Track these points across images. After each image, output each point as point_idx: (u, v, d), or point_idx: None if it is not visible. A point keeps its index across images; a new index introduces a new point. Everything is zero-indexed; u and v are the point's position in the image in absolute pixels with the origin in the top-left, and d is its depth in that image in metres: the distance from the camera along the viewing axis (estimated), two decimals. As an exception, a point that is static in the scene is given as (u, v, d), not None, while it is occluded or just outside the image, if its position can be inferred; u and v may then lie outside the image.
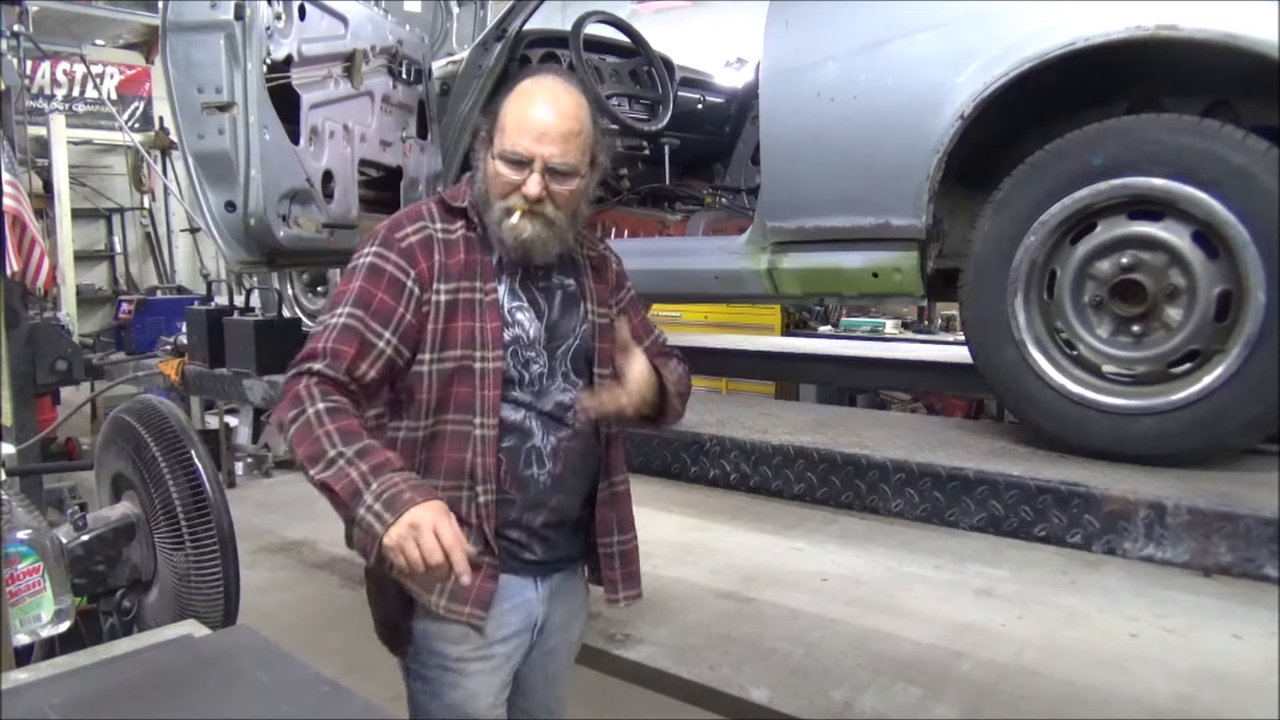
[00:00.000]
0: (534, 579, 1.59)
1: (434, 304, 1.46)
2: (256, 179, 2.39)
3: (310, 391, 1.36)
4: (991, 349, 1.79)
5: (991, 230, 1.76)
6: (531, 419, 1.52)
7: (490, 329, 1.48)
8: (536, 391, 1.53)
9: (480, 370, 1.47)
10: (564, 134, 1.44)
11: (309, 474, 1.33)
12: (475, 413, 1.47)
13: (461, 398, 1.48)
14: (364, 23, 2.69)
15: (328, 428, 1.33)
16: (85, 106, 7.29)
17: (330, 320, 1.43)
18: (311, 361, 1.39)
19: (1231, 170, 1.51)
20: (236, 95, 2.37)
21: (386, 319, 1.44)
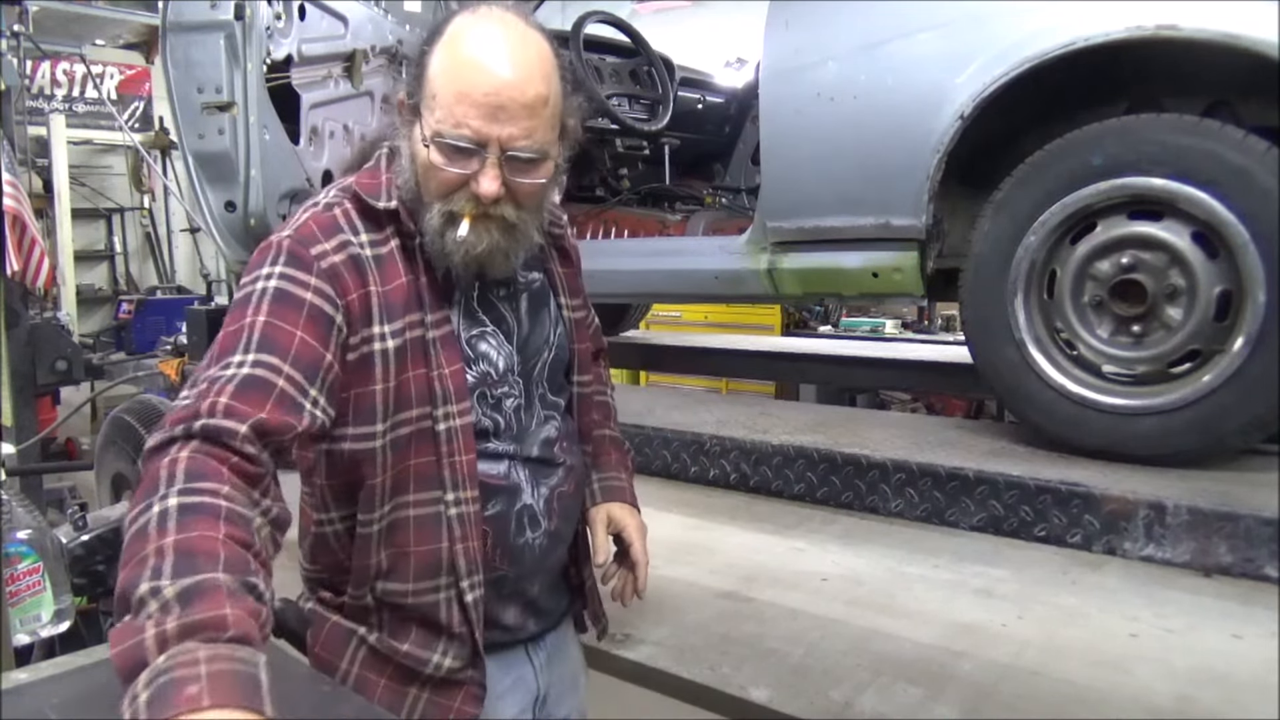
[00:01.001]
0: (525, 650, 1.27)
1: (377, 353, 1.05)
2: (256, 179, 2.39)
3: (172, 472, 0.84)
4: (991, 349, 1.79)
5: (991, 230, 1.76)
6: (517, 470, 1.17)
7: (449, 375, 1.09)
8: (515, 434, 1.17)
9: (445, 431, 1.09)
10: (528, 104, 1.01)
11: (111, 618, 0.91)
12: (445, 487, 1.10)
13: (422, 470, 1.10)
14: (364, 23, 2.69)
15: (165, 540, 0.79)
16: (85, 106, 7.30)
17: (217, 373, 0.93)
18: (188, 422, 0.87)
19: (1231, 170, 1.51)
20: (236, 95, 2.37)
21: (311, 369, 0.98)
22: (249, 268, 1.04)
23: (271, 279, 1.00)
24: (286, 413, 0.94)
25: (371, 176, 1.12)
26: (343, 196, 1.10)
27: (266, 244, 1.05)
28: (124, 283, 7.63)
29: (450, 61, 1.03)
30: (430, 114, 1.03)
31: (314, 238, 1.04)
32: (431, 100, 1.03)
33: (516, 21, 1.05)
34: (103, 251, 7.62)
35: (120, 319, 6.56)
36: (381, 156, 1.13)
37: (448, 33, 1.05)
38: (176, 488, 0.82)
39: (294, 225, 1.06)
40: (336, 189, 1.12)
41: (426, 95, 1.04)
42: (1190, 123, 1.57)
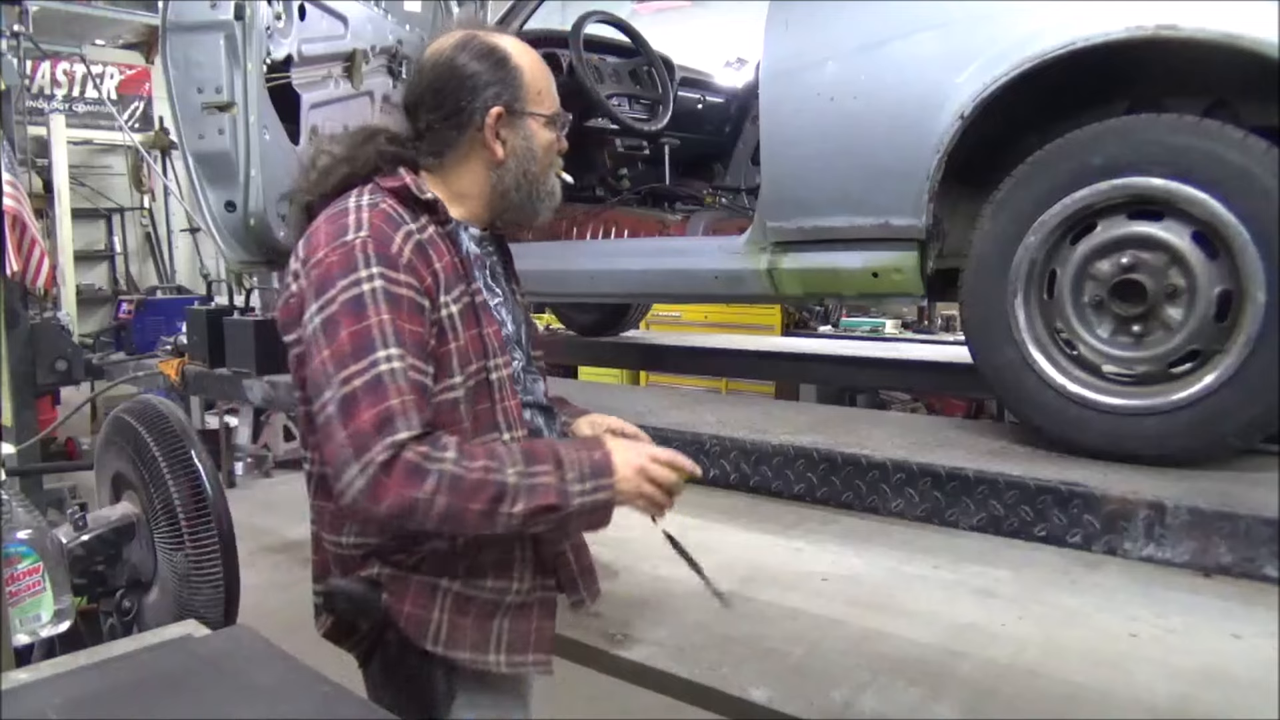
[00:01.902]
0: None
1: (446, 319, 1.27)
2: (256, 179, 2.40)
3: (425, 456, 1.15)
4: (991, 349, 1.79)
5: (991, 230, 1.76)
6: (536, 416, 1.42)
7: (493, 333, 1.33)
8: (525, 387, 1.42)
9: (496, 381, 1.32)
10: None
11: (503, 518, 1.17)
12: (501, 429, 1.31)
13: (482, 416, 1.30)
14: (364, 23, 2.69)
15: (477, 471, 1.16)
16: (85, 106, 7.29)
17: (374, 371, 1.17)
18: (392, 433, 1.15)
19: (1231, 170, 1.50)
20: (236, 95, 2.38)
21: (424, 353, 1.22)
22: (337, 268, 1.21)
23: (374, 280, 1.20)
24: (427, 397, 1.21)
25: (395, 180, 1.32)
26: (378, 195, 1.30)
27: (348, 246, 1.22)
28: (124, 283, 7.63)
29: (527, 64, 1.35)
30: (535, 103, 1.36)
31: (387, 235, 1.24)
32: (535, 95, 1.36)
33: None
34: (103, 251, 7.61)
35: (120, 319, 6.56)
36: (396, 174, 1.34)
37: (502, 47, 1.35)
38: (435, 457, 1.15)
39: (357, 220, 1.24)
40: (365, 193, 1.31)
41: (526, 94, 1.35)
42: (1190, 123, 1.57)
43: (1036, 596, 4.13)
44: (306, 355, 1.25)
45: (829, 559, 4.78)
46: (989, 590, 4.26)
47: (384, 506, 1.15)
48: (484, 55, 1.34)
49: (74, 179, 6.76)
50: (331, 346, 1.19)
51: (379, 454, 1.14)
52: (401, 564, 1.31)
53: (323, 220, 1.29)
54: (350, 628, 1.37)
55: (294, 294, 1.28)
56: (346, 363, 1.17)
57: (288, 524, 5.42)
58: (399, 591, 1.30)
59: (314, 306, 1.23)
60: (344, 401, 1.16)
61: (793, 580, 4.46)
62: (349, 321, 1.19)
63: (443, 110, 1.34)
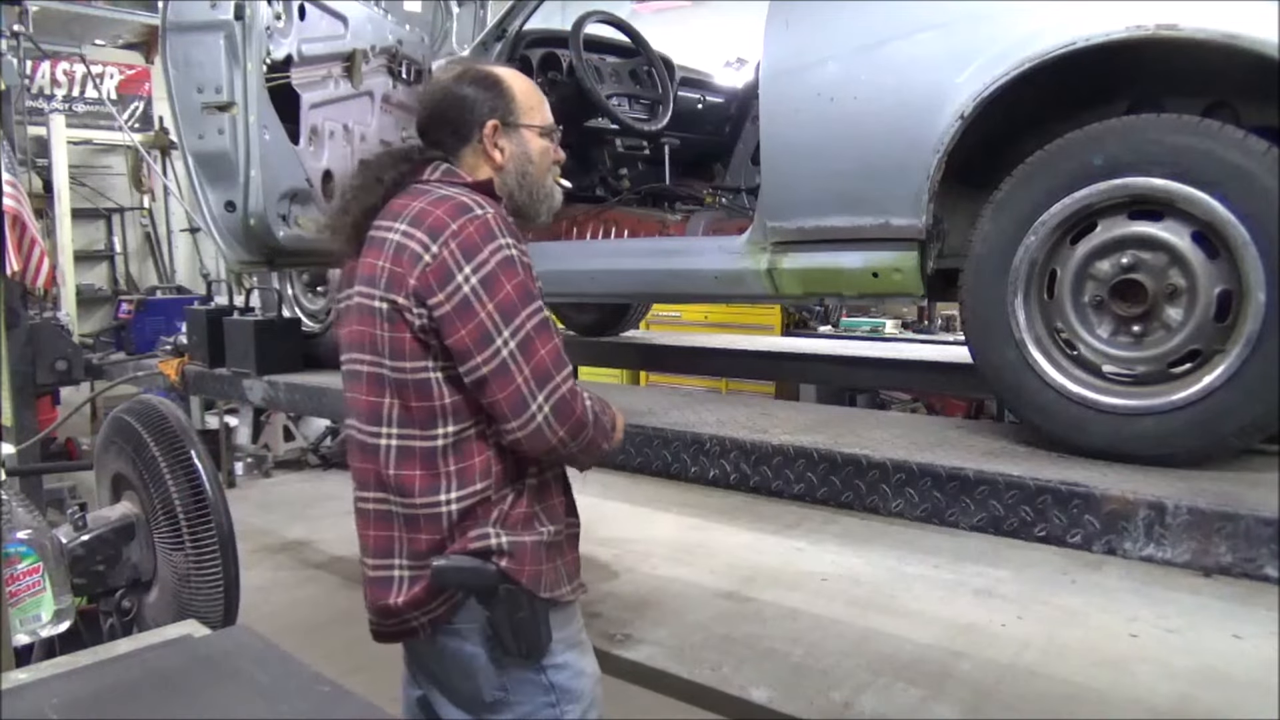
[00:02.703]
0: None
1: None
2: (256, 179, 2.39)
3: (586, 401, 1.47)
4: (991, 349, 1.79)
5: (991, 230, 1.76)
6: None
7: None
8: None
9: None
10: None
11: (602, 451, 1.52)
12: None
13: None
14: (364, 23, 2.69)
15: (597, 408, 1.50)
16: (85, 106, 7.29)
17: (540, 316, 1.43)
18: (566, 366, 1.44)
19: (1231, 170, 1.50)
20: (236, 95, 2.38)
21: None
22: (478, 235, 1.40)
23: (511, 248, 1.42)
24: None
25: (460, 177, 1.53)
26: (458, 190, 1.48)
27: (481, 219, 1.41)
28: (124, 283, 7.63)
29: (517, 85, 1.59)
30: (529, 116, 1.58)
31: (499, 215, 1.45)
32: (526, 110, 1.58)
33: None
34: (103, 251, 7.61)
35: (120, 319, 6.56)
36: (442, 168, 1.54)
37: (493, 74, 1.59)
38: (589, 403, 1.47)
39: (479, 204, 1.44)
40: (440, 186, 1.50)
41: (519, 110, 1.57)
42: (1190, 123, 1.57)
43: (1036, 596, 4.14)
44: (456, 314, 1.38)
45: (829, 559, 4.79)
46: (989, 590, 4.27)
47: (564, 429, 1.41)
48: (479, 80, 1.57)
49: (74, 179, 6.76)
50: (496, 299, 1.38)
51: (563, 383, 1.41)
52: (509, 517, 1.47)
53: (425, 205, 1.44)
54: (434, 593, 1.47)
55: (429, 263, 1.39)
56: (516, 310, 1.39)
57: (287, 524, 5.42)
58: (519, 554, 1.46)
59: (467, 269, 1.38)
60: (522, 343, 1.39)
61: (793, 580, 4.46)
62: (508, 276, 1.40)
63: (449, 126, 1.56)
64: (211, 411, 6.35)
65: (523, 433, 1.40)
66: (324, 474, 6.72)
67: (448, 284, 1.38)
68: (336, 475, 6.66)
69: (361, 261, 1.50)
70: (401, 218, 1.45)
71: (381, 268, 1.44)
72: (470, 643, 1.48)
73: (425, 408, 1.44)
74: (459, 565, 1.43)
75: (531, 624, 1.46)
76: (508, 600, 1.44)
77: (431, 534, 1.44)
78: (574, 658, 1.56)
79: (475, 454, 1.45)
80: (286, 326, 3.41)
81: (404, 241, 1.42)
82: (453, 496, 1.44)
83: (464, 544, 1.44)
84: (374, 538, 1.50)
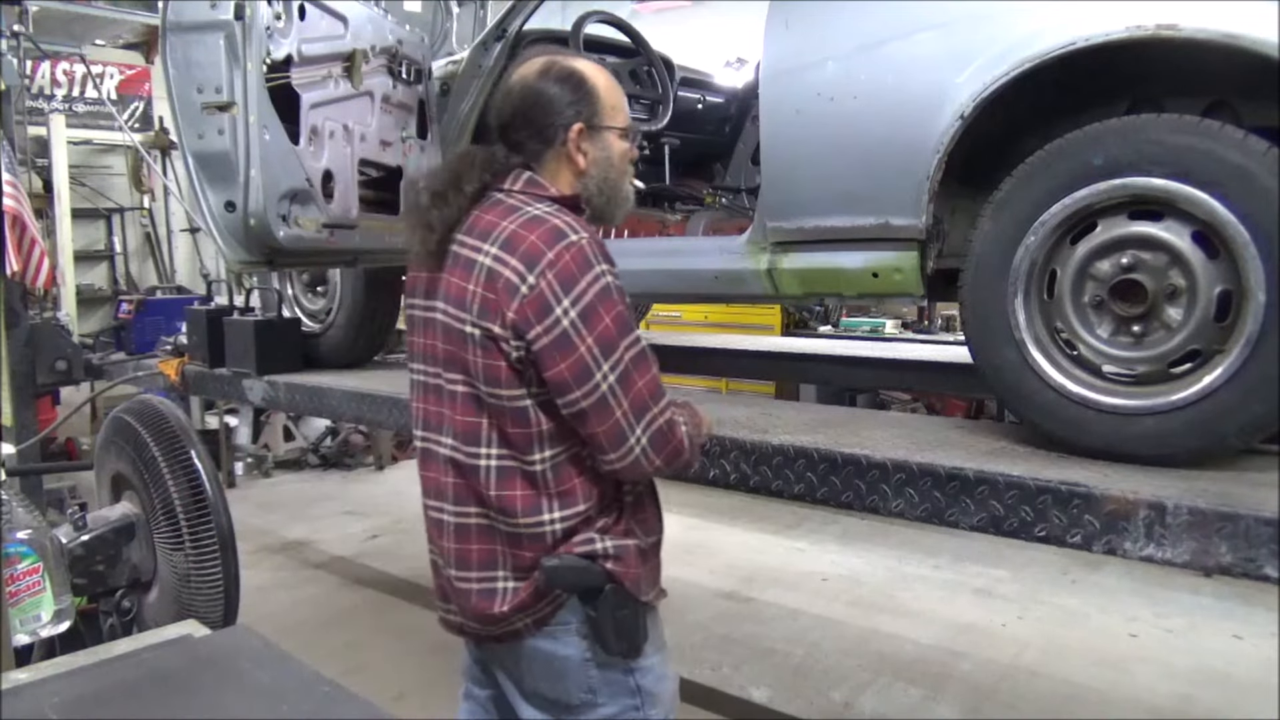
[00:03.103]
0: None
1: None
2: (256, 179, 2.39)
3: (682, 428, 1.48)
4: (991, 349, 1.79)
5: (991, 230, 1.76)
6: None
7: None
8: None
9: None
10: None
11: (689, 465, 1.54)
12: None
13: None
14: (364, 23, 2.68)
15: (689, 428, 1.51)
16: (85, 106, 7.29)
17: (638, 348, 1.42)
18: (663, 397, 1.45)
19: (1231, 170, 1.51)
20: (236, 95, 2.37)
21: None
22: (575, 265, 1.37)
23: (607, 275, 1.40)
24: None
25: (544, 189, 1.50)
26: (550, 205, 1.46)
27: (577, 246, 1.38)
28: (124, 283, 7.62)
29: (602, 84, 1.52)
30: (612, 118, 1.52)
31: (593, 234, 1.42)
32: (611, 111, 1.52)
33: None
34: (103, 251, 7.61)
35: (120, 319, 6.56)
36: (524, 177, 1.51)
37: (579, 69, 1.52)
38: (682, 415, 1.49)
39: (574, 227, 1.40)
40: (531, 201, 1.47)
41: (602, 110, 1.51)
42: (1190, 123, 1.57)
43: (1036, 596, 4.14)
44: (556, 348, 1.37)
45: (829, 559, 4.78)
46: (989, 590, 4.27)
47: (661, 457, 1.43)
48: (564, 79, 1.51)
49: (74, 179, 6.75)
50: (595, 332, 1.37)
51: (660, 414, 1.42)
52: (612, 529, 1.49)
53: (517, 227, 1.41)
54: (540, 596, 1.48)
55: (526, 295, 1.37)
56: (615, 343, 1.38)
57: (287, 524, 5.42)
58: (624, 558, 1.48)
59: (565, 301, 1.36)
60: (621, 377, 1.38)
61: (793, 580, 4.46)
62: (606, 308, 1.38)
63: (531, 127, 1.50)
64: (211, 411, 6.35)
65: (621, 464, 1.42)
66: (324, 474, 6.72)
67: (546, 317, 1.36)
68: (336, 475, 6.66)
69: (447, 279, 1.47)
70: (492, 239, 1.42)
71: (473, 292, 1.42)
72: (564, 644, 1.50)
73: (523, 433, 1.44)
74: (571, 565, 1.45)
75: (633, 622, 1.49)
76: (612, 599, 1.47)
77: (535, 551, 1.46)
78: (659, 661, 1.58)
79: (575, 475, 1.46)
80: (286, 326, 3.41)
81: (497, 268, 1.39)
82: (556, 516, 1.45)
83: (569, 548, 1.46)
84: (476, 552, 1.50)
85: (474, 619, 1.53)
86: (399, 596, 4.29)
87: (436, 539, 1.56)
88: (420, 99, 2.89)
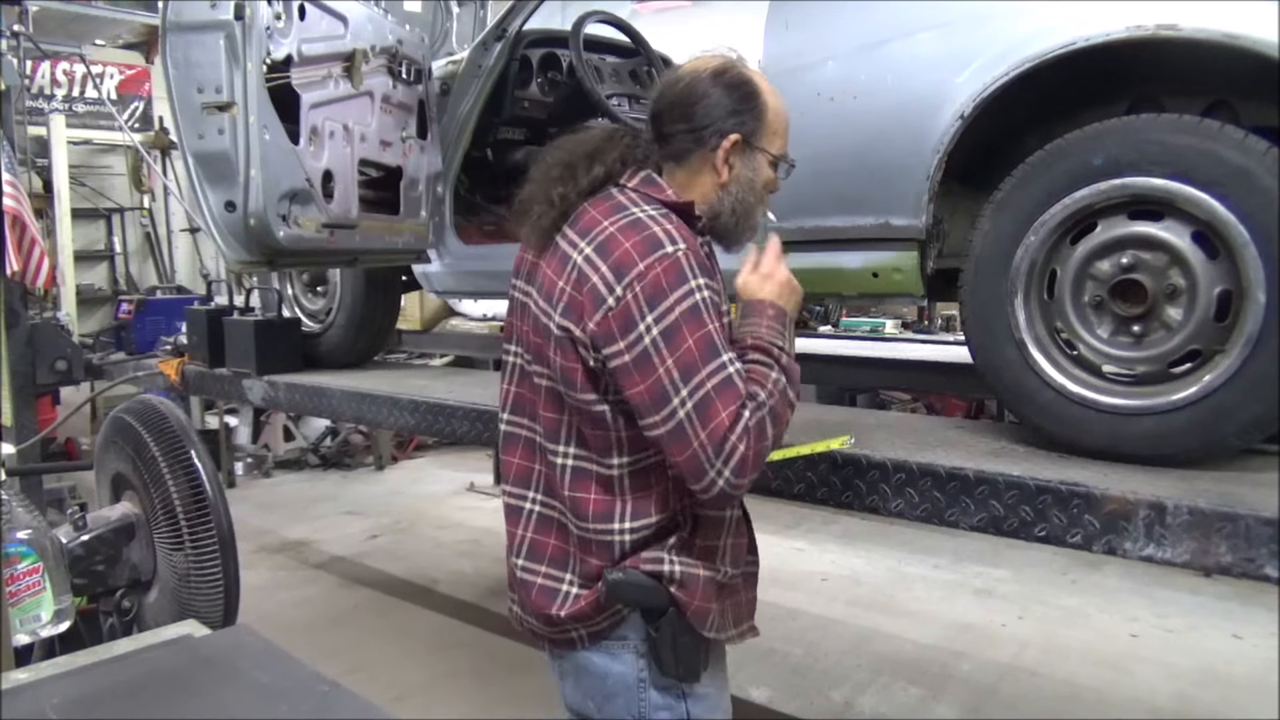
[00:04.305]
0: None
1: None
2: (256, 179, 2.39)
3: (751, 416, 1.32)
4: (991, 349, 1.79)
5: (991, 230, 1.76)
6: None
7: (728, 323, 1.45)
8: None
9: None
10: None
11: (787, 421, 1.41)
12: None
13: None
14: (364, 23, 2.68)
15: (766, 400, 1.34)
16: (85, 106, 7.29)
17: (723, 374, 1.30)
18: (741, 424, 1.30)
19: (1231, 170, 1.51)
20: (236, 95, 2.37)
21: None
22: (666, 280, 1.30)
23: (702, 290, 1.32)
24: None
25: (660, 191, 1.43)
26: (652, 205, 1.39)
27: (672, 258, 1.31)
28: (124, 283, 7.63)
29: (773, 104, 1.45)
30: (771, 142, 1.46)
31: (695, 247, 1.36)
32: (771, 134, 1.45)
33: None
34: (103, 251, 7.62)
35: (120, 319, 6.56)
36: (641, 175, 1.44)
37: (754, 82, 1.44)
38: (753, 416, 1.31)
39: (673, 237, 1.33)
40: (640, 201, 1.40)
41: (766, 130, 1.44)
42: (1190, 123, 1.57)
43: (1036, 596, 4.14)
44: (635, 366, 1.30)
45: (829, 559, 4.78)
46: (989, 590, 4.27)
47: (745, 483, 1.32)
48: (736, 85, 1.43)
49: (74, 179, 6.76)
50: (676, 354, 1.29)
51: (737, 448, 1.29)
52: (684, 550, 1.42)
53: (615, 230, 1.35)
54: (600, 608, 1.43)
55: (612, 307, 1.31)
56: (696, 368, 1.29)
57: (287, 524, 5.42)
58: (690, 586, 1.40)
59: (649, 318, 1.29)
60: (700, 404, 1.28)
61: (793, 580, 4.46)
62: (691, 329, 1.29)
63: (687, 123, 1.43)
64: (211, 411, 6.35)
65: (705, 495, 1.33)
66: (324, 474, 6.72)
67: (628, 333, 1.30)
68: (336, 475, 6.66)
69: (543, 268, 1.43)
70: (590, 237, 1.36)
71: (561, 290, 1.37)
72: (619, 661, 1.44)
73: (600, 436, 1.39)
74: (635, 581, 1.39)
75: (693, 648, 1.42)
76: (676, 622, 1.40)
77: (602, 560, 1.41)
78: (715, 690, 1.51)
79: (653, 484, 1.40)
80: (286, 326, 3.41)
81: (586, 270, 1.34)
82: (627, 526, 1.40)
83: (637, 562, 1.40)
84: (551, 546, 1.46)
85: (531, 614, 1.49)
86: (399, 596, 4.29)
87: (511, 526, 1.51)
88: (420, 99, 2.89)
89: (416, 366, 4.48)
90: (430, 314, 5.21)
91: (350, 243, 2.69)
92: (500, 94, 2.90)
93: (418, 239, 2.93)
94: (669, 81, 1.47)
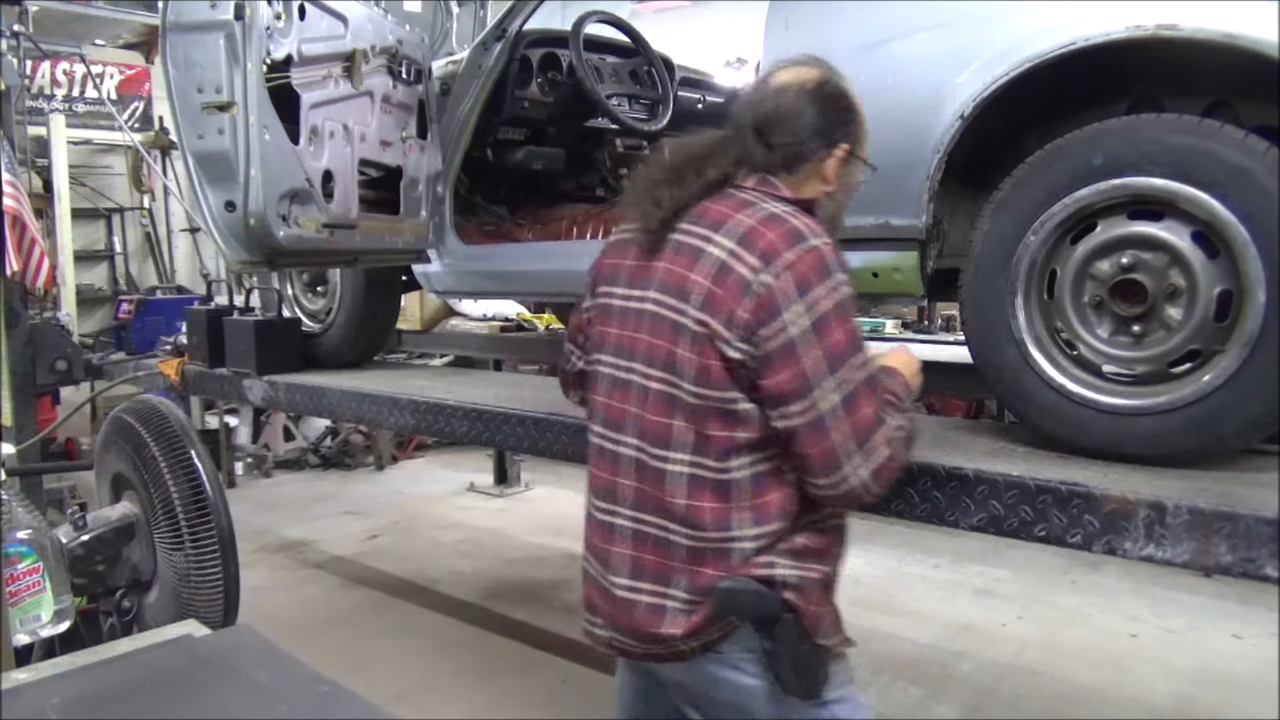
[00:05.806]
0: None
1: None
2: (256, 179, 2.39)
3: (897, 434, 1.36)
4: (991, 349, 1.79)
5: (991, 230, 1.76)
6: None
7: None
8: None
9: None
10: None
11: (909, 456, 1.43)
12: None
13: None
14: (364, 23, 2.68)
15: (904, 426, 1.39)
16: (85, 106, 7.29)
17: (869, 369, 1.34)
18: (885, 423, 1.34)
19: (1231, 170, 1.50)
20: (236, 95, 2.37)
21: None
22: (813, 271, 1.32)
23: (846, 285, 1.35)
24: None
25: (780, 191, 1.44)
26: (785, 208, 1.39)
27: (817, 251, 1.33)
28: (124, 283, 7.63)
29: (865, 116, 1.52)
30: (862, 147, 1.52)
31: (832, 240, 1.36)
32: (864, 143, 1.52)
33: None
34: (103, 251, 7.62)
35: (120, 319, 6.55)
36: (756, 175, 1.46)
37: (855, 97, 1.52)
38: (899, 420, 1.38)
39: (815, 231, 1.35)
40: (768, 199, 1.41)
41: (861, 135, 1.51)
42: (1190, 123, 1.57)
43: (1036, 596, 4.14)
44: (779, 355, 1.29)
45: (829, 559, 4.78)
46: (989, 590, 4.27)
47: (880, 486, 1.32)
48: (839, 96, 1.50)
49: (74, 179, 6.75)
50: (825, 344, 1.29)
51: (882, 445, 1.30)
52: (798, 553, 1.38)
53: (755, 223, 1.35)
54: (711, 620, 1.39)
55: (760, 294, 1.30)
56: (844, 359, 1.30)
57: (287, 524, 5.42)
58: (805, 590, 1.37)
59: (799, 306, 1.29)
60: (847, 399, 1.29)
61: (793, 580, 4.46)
62: (840, 321, 1.31)
63: (796, 135, 1.45)
64: (211, 411, 6.35)
65: (832, 491, 1.31)
66: (324, 474, 6.72)
67: (774, 320, 1.29)
68: (336, 475, 6.66)
69: (663, 266, 1.40)
70: (724, 230, 1.36)
71: (697, 283, 1.35)
72: (746, 674, 1.40)
73: (724, 438, 1.35)
74: (745, 588, 1.35)
75: (814, 658, 1.37)
76: (792, 630, 1.35)
77: (718, 569, 1.36)
78: (853, 691, 1.49)
79: (773, 489, 1.36)
80: (286, 326, 3.41)
81: (730, 262, 1.33)
82: (748, 534, 1.35)
83: (747, 569, 1.36)
84: (651, 562, 1.40)
85: (631, 634, 1.43)
86: (399, 596, 4.29)
87: (603, 544, 1.46)
88: (420, 99, 2.90)
89: (416, 366, 4.48)
90: (430, 314, 5.21)
91: (350, 243, 2.69)
92: (500, 94, 2.90)
93: (418, 239, 2.93)
94: (768, 94, 1.49)
